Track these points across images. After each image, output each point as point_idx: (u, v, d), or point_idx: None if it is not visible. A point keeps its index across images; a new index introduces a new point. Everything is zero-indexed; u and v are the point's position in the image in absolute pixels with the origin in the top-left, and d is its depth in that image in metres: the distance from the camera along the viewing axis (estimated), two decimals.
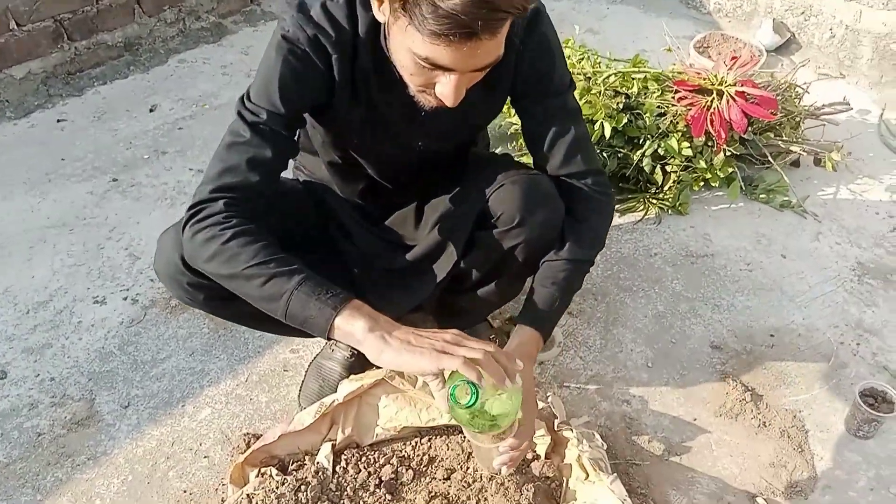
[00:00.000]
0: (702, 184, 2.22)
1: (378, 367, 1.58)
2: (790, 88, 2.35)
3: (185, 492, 1.53)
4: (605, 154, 2.17)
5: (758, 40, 2.87)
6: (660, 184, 2.19)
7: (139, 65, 2.86)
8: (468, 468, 1.48)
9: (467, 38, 0.95)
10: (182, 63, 2.89)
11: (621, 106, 2.16)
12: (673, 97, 2.20)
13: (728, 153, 2.15)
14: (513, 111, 2.01)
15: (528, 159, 1.52)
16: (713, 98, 2.14)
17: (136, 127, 2.55)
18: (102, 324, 1.87)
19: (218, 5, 3.10)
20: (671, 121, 2.15)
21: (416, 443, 1.54)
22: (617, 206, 2.21)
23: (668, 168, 2.17)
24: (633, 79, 2.26)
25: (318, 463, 1.46)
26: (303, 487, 1.39)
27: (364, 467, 1.47)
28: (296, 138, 1.24)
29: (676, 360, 1.80)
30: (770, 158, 2.24)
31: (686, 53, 2.82)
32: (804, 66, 2.48)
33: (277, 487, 1.38)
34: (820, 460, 1.60)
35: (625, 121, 2.12)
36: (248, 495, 1.37)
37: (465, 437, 1.49)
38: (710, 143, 2.16)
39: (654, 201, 2.21)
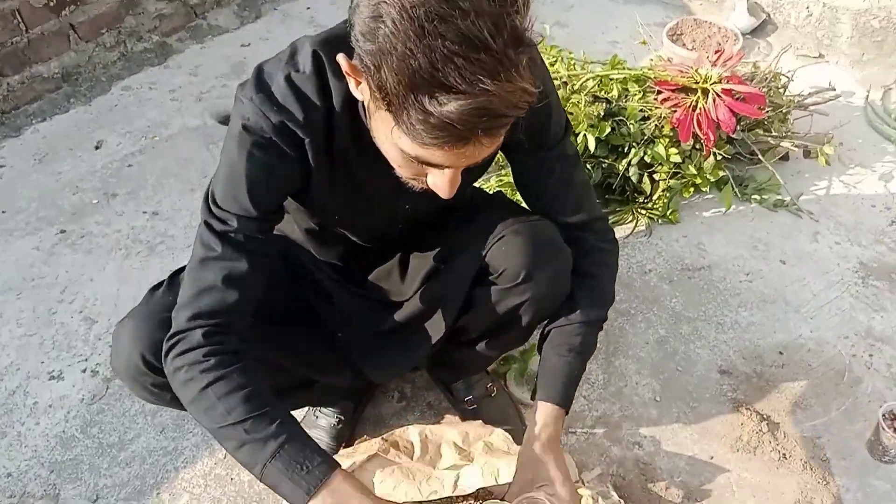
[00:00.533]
0: (692, 189, 2.10)
1: (370, 439, 1.47)
2: (775, 78, 2.24)
3: None
4: (589, 166, 2.04)
5: (732, 23, 2.74)
6: (648, 193, 2.07)
7: (80, 96, 2.64)
8: None
9: (464, 144, 0.81)
10: (126, 90, 2.68)
11: (602, 113, 2.03)
12: (655, 98, 2.07)
13: (718, 157, 2.03)
14: None
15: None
16: (698, 97, 2.01)
17: (82, 168, 2.36)
18: (61, 403, 1.70)
19: (161, 23, 2.88)
20: (656, 125, 2.02)
21: None
22: None
23: (655, 176, 2.05)
24: (611, 80, 2.13)
25: None
26: None
27: None
28: (274, 231, 1.11)
29: (685, 391, 1.68)
30: (760, 156, 2.12)
31: (659, 42, 2.69)
32: (786, 52, 2.36)
33: None
34: (847, 492, 1.50)
35: (608, 130, 1.99)
36: None
37: None
38: (697, 147, 2.04)
39: (644, 211, 2.08)
